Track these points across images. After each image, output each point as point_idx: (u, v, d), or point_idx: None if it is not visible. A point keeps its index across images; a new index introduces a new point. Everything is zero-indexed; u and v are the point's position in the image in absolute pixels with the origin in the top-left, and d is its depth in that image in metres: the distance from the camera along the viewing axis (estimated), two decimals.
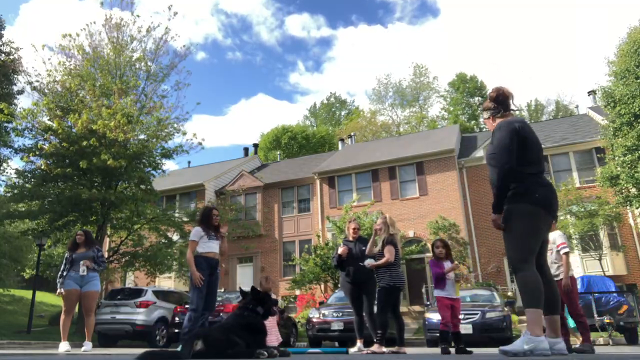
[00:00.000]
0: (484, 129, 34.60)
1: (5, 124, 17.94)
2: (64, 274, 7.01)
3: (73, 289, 6.94)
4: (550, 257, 5.97)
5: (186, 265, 18.14)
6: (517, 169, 3.39)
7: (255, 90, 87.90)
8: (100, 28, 17.96)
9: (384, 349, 5.63)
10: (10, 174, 16.46)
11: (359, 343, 6.52)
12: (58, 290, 7.12)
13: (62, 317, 7.02)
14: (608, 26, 62.41)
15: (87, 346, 6.97)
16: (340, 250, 6.50)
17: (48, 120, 15.49)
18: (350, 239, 6.71)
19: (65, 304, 6.92)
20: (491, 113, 3.79)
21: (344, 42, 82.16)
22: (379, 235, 6.05)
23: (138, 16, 18.27)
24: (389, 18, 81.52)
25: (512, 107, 3.79)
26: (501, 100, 3.77)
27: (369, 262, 6.02)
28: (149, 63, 18.16)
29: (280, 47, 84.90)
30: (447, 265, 5.86)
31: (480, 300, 11.40)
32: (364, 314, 6.65)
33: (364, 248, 6.47)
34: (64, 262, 7.22)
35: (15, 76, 18.62)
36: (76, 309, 8.34)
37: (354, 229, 6.74)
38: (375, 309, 6.47)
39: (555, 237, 6.25)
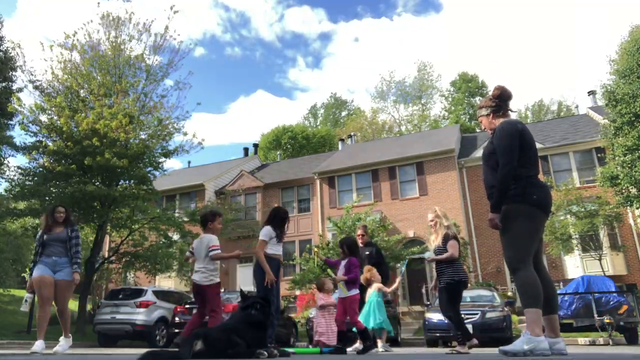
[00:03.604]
0: (486, 130, 34.56)
1: (9, 122, 17.95)
2: (37, 259, 5.85)
3: (45, 275, 5.72)
4: None
5: (186, 265, 18.30)
6: (517, 170, 3.41)
7: (254, 87, 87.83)
8: (98, 27, 18.00)
9: (467, 348, 5.40)
10: (9, 174, 16.42)
11: (357, 343, 6.61)
12: (28, 282, 6.06)
13: (38, 310, 5.89)
14: (608, 25, 62.49)
15: (62, 344, 5.92)
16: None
17: (55, 118, 15.52)
18: (360, 243, 6.89)
19: (38, 294, 5.74)
20: (492, 110, 3.80)
21: (344, 37, 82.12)
22: (434, 230, 5.97)
23: (133, 13, 18.37)
24: (390, 13, 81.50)
25: (510, 107, 3.81)
26: (504, 100, 3.78)
27: (429, 256, 5.99)
28: (148, 61, 18.18)
29: (279, 42, 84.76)
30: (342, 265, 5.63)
31: (480, 300, 11.42)
32: None
33: (367, 253, 6.77)
34: (36, 245, 6.06)
35: (13, 73, 18.52)
36: (76, 307, 8.27)
37: (359, 235, 7.04)
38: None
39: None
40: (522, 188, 3.41)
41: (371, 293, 6.80)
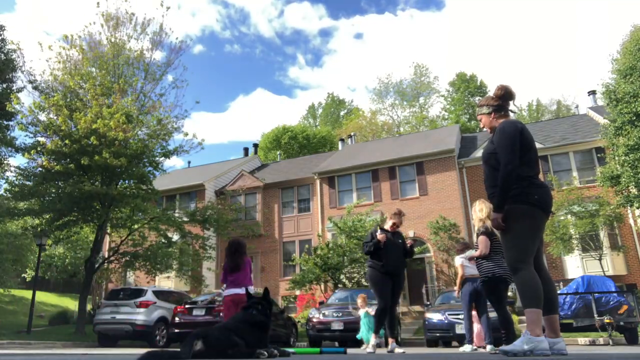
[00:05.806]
0: (485, 129, 34.52)
1: (7, 122, 17.98)
2: None
3: None
4: None
5: (187, 264, 18.28)
6: (518, 170, 3.41)
7: (254, 85, 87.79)
8: (100, 28, 18.05)
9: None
10: (9, 175, 16.43)
11: (390, 343, 5.91)
12: None
13: None
14: (609, 24, 62.50)
15: None
16: (379, 236, 5.89)
17: (54, 116, 15.51)
18: (388, 229, 6.18)
19: None
20: (493, 109, 3.79)
21: (345, 34, 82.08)
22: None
23: (133, 14, 18.39)
24: (393, 8, 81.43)
25: (512, 107, 3.81)
26: (506, 100, 3.78)
27: (468, 254, 5.91)
28: (147, 60, 18.21)
29: (279, 39, 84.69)
30: None
31: None
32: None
33: (400, 241, 6.17)
34: None
35: (14, 74, 18.54)
36: (76, 307, 8.28)
37: (394, 223, 6.21)
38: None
39: None
40: (523, 188, 3.41)
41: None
